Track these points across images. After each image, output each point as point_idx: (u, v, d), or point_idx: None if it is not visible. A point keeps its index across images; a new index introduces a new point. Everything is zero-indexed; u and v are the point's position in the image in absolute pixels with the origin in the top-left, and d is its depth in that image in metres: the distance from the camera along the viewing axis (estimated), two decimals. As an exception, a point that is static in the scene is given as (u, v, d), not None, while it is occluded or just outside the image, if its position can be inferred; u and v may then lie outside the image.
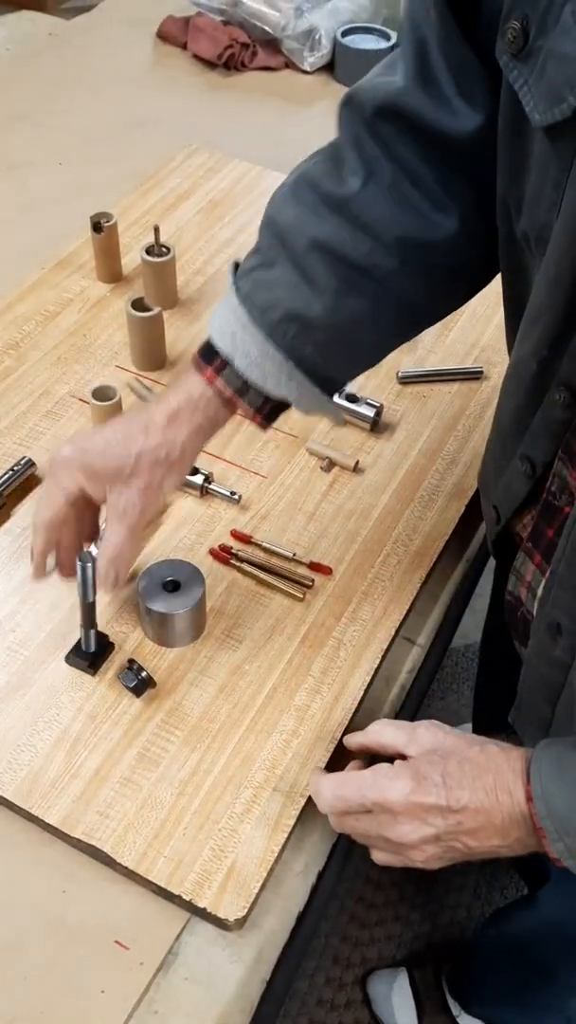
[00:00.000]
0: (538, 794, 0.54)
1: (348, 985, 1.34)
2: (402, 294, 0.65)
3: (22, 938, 0.62)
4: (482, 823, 0.56)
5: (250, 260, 0.67)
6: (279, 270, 0.65)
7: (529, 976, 1.06)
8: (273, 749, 0.69)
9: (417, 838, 0.57)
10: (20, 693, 0.72)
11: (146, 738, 0.69)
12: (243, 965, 0.62)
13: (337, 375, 0.69)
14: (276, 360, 0.65)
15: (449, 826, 0.56)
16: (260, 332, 0.64)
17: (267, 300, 0.64)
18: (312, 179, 0.65)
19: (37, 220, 1.16)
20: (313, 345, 0.65)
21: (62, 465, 0.67)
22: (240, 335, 0.65)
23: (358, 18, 1.48)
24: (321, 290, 0.63)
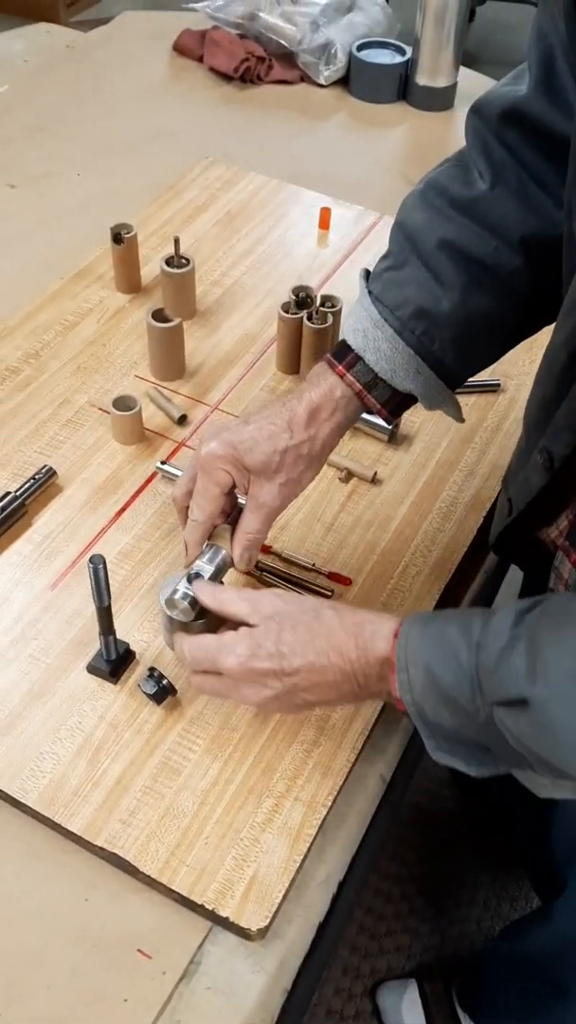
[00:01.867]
0: (403, 631, 0.60)
1: (357, 996, 1.33)
2: (525, 291, 0.69)
3: (45, 947, 0.62)
4: (315, 681, 0.63)
5: (382, 263, 0.72)
6: (409, 270, 0.69)
7: (542, 991, 1.06)
8: (294, 759, 0.70)
9: (259, 699, 0.64)
10: (42, 701, 0.72)
11: (168, 747, 0.70)
12: (265, 975, 0.62)
13: (461, 370, 0.72)
14: (405, 355, 0.69)
15: (286, 687, 0.63)
16: (391, 328, 0.69)
17: (398, 298, 0.69)
18: (440, 184, 0.70)
19: (56, 231, 1.17)
20: (440, 341, 0.69)
21: (214, 460, 0.70)
22: (372, 332, 0.69)
23: (373, 32, 1.50)
24: (449, 287, 0.68)
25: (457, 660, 0.56)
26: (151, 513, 0.85)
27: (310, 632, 0.63)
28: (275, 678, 0.63)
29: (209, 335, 1.03)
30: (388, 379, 0.70)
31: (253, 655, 0.63)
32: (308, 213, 1.19)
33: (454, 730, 0.58)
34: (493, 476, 0.90)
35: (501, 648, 0.54)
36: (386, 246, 0.74)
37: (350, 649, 0.62)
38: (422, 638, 0.59)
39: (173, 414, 0.93)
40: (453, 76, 1.44)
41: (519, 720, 0.53)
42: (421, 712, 0.59)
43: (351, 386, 0.71)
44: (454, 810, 1.50)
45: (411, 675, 0.59)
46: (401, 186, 1.30)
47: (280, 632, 0.63)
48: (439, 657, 0.57)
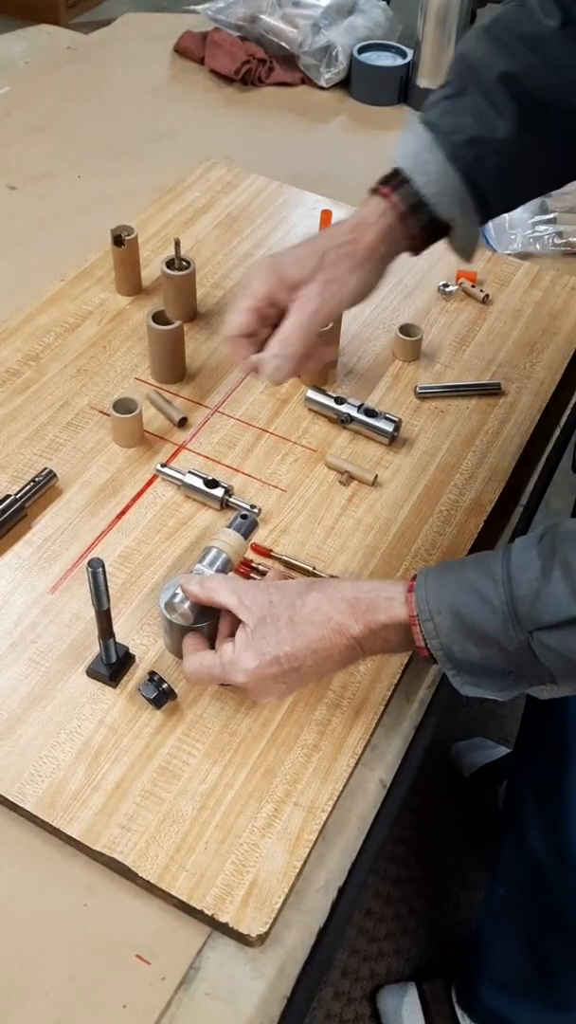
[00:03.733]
0: (419, 584, 0.64)
1: (357, 999, 1.33)
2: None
3: (43, 952, 0.62)
4: (319, 661, 0.65)
5: (439, 92, 0.74)
6: (468, 99, 0.71)
7: (534, 947, 1.03)
8: (294, 763, 0.69)
9: (270, 697, 0.68)
10: (42, 704, 0.72)
11: (167, 751, 0.70)
12: (264, 981, 0.62)
13: (500, 202, 0.75)
14: (454, 181, 0.70)
15: (294, 677, 0.66)
16: (443, 152, 0.70)
17: (454, 124, 0.71)
18: (507, 20, 0.72)
19: (56, 232, 1.17)
20: (488, 172, 0.71)
21: (254, 270, 0.72)
22: (423, 155, 0.71)
23: (374, 35, 1.50)
24: (506, 118, 0.70)
25: (484, 598, 0.60)
26: (151, 516, 0.85)
27: (306, 622, 0.65)
28: (283, 676, 0.66)
29: (210, 338, 1.03)
30: (433, 203, 0.71)
31: (259, 665, 0.65)
32: (309, 215, 1.19)
33: (481, 663, 0.61)
34: (494, 480, 0.90)
35: (535, 578, 0.58)
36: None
37: (350, 625, 0.65)
38: (442, 586, 0.63)
39: (173, 417, 0.93)
40: (454, 78, 1.44)
41: (567, 638, 0.57)
42: (449, 653, 0.62)
43: (394, 207, 0.72)
44: (452, 811, 1.50)
45: (436, 622, 0.62)
46: (402, 188, 1.30)
47: (277, 632, 0.65)
48: (464, 598, 0.61)
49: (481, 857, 1.45)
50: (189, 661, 0.69)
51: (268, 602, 0.66)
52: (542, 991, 1.07)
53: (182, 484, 0.86)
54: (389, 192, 0.72)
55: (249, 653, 0.65)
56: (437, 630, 0.62)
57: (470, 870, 1.45)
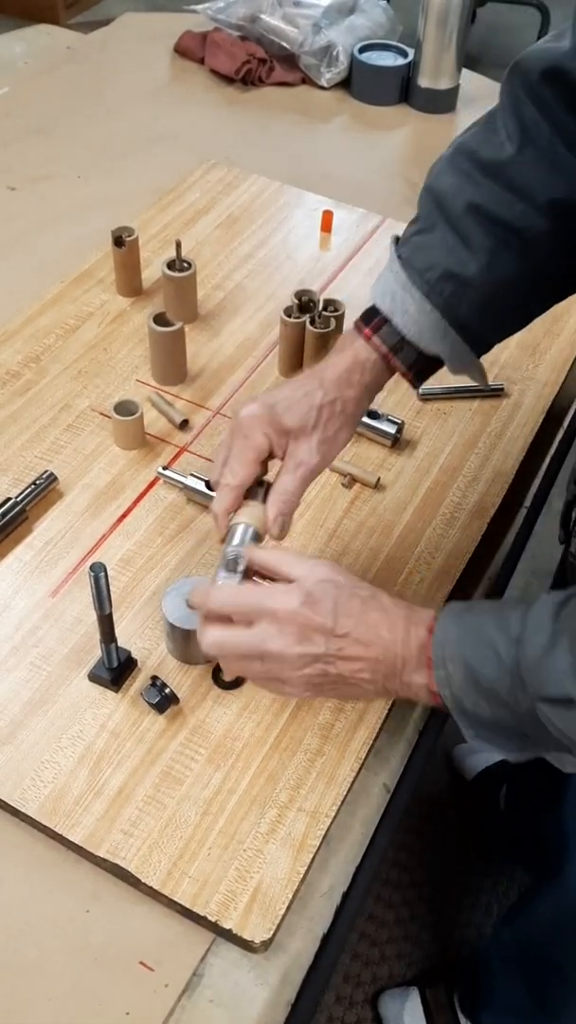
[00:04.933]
0: (439, 625, 0.60)
1: (359, 1004, 1.32)
2: (552, 255, 0.69)
3: (46, 958, 0.61)
4: (359, 652, 0.61)
5: (410, 228, 0.73)
6: (438, 233, 0.70)
7: (543, 979, 1.04)
8: (297, 768, 0.69)
9: (298, 652, 0.61)
10: (43, 709, 0.71)
11: (170, 756, 0.69)
12: (268, 988, 0.61)
13: (487, 334, 0.73)
14: (432, 318, 0.69)
15: (330, 648, 0.61)
16: (418, 291, 0.69)
17: (426, 261, 0.69)
18: (469, 148, 0.70)
19: (56, 233, 1.16)
20: (467, 304, 0.69)
21: (252, 422, 0.69)
22: (400, 295, 0.70)
23: (375, 35, 1.49)
24: (476, 250, 0.68)
25: (496, 654, 0.57)
26: (153, 519, 0.84)
27: (365, 604, 0.62)
28: (323, 635, 0.61)
29: (211, 339, 1.02)
30: (415, 341, 0.70)
31: (307, 603, 0.61)
32: (310, 216, 1.19)
33: (493, 720, 0.59)
34: (497, 482, 0.90)
35: (543, 645, 0.54)
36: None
37: (400, 629, 0.61)
38: (459, 632, 0.60)
39: (175, 419, 0.93)
40: (455, 78, 1.44)
41: (565, 716, 0.54)
42: (460, 704, 0.59)
43: (377, 349, 0.71)
44: (455, 817, 1.50)
45: (449, 671, 0.59)
46: (403, 189, 1.29)
47: (337, 595, 0.62)
48: (477, 651, 0.58)
49: (482, 860, 1.45)
50: (225, 587, 0.65)
51: (336, 576, 0.63)
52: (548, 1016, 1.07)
53: (184, 487, 0.85)
54: (371, 334, 0.71)
55: (302, 591, 0.61)
56: (449, 679, 0.59)
57: (472, 873, 1.45)
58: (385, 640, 0.61)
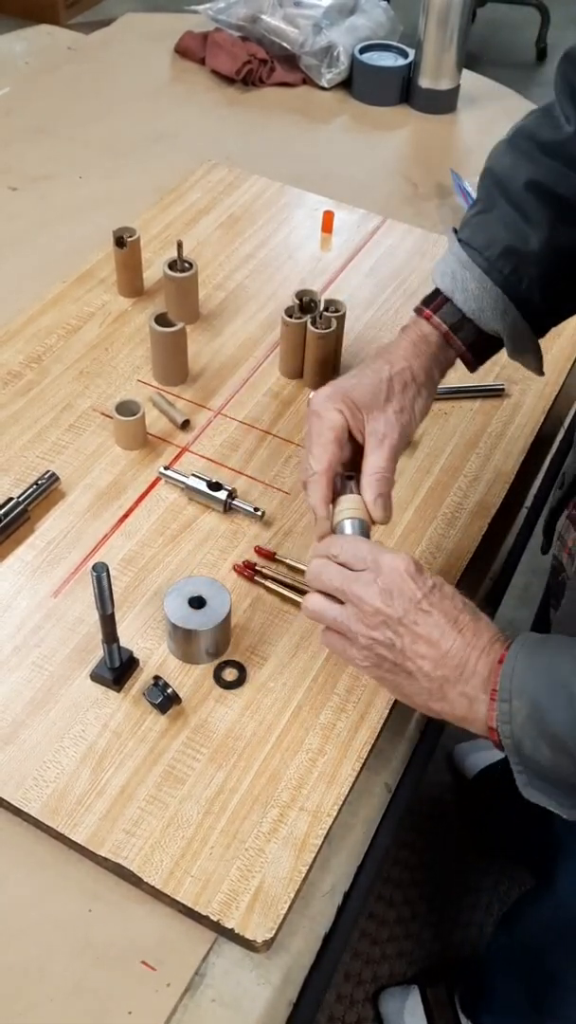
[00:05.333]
0: (510, 656, 0.58)
1: (359, 1002, 1.33)
2: None
3: (48, 958, 0.61)
4: (433, 637, 0.60)
5: (471, 210, 0.75)
6: (497, 212, 0.72)
7: (541, 983, 1.05)
8: (299, 768, 0.69)
9: (377, 606, 0.60)
10: (45, 709, 0.71)
11: (172, 755, 0.69)
12: (270, 987, 0.61)
13: (546, 312, 0.74)
14: (493, 294, 0.71)
15: (407, 618, 0.60)
16: (479, 268, 0.71)
17: (486, 239, 0.72)
18: (528, 130, 0.74)
19: (58, 233, 1.16)
20: (528, 280, 0.71)
21: (324, 402, 0.70)
22: (460, 273, 0.72)
23: (376, 35, 1.49)
24: (536, 225, 0.71)
25: (571, 698, 0.53)
26: (154, 519, 0.85)
27: (464, 605, 0.61)
28: (408, 603, 0.60)
29: (212, 339, 1.02)
30: (475, 319, 0.72)
31: (411, 571, 0.61)
32: (311, 216, 1.19)
33: (552, 768, 0.56)
34: (498, 482, 0.90)
35: None
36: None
37: (484, 639, 0.59)
38: (531, 667, 0.56)
39: (176, 419, 0.93)
40: (456, 78, 1.44)
41: None
42: (519, 746, 0.56)
43: (438, 327, 0.73)
44: (456, 816, 1.50)
45: (514, 706, 0.56)
46: (404, 189, 1.29)
47: (441, 583, 0.62)
48: (549, 692, 0.55)
49: (483, 859, 1.45)
50: (342, 539, 0.65)
51: (443, 578, 0.63)
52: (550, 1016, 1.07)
53: (185, 487, 0.86)
54: (431, 314, 0.73)
55: (410, 559, 0.61)
56: (512, 716, 0.56)
57: (473, 872, 1.45)
58: (465, 640, 0.59)
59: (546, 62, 3.39)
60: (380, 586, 0.61)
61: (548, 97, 0.77)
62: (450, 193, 1.28)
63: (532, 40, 3.44)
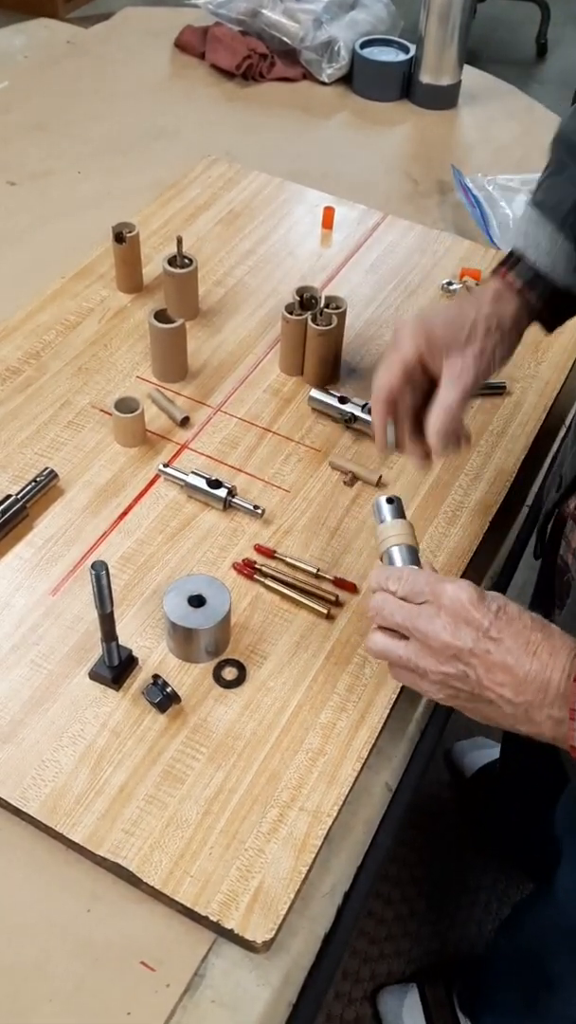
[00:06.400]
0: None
1: (357, 1001, 1.33)
2: None
3: (47, 959, 0.61)
4: (507, 664, 0.57)
5: (543, 175, 0.78)
6: (568, 173, 0.74)
7: (539, 985, 1.05)
8: (299, 768, 0.69)
9: (445, 640, 0.59)
10: (44, 708, 0.71)
11: (171, 755, 0.69)
12: (270, 988, 0.61)
13: None
14: (566, 249, 0.73)
15: (477, 648, 0.58)
16: (551, 224, 0.73)
17: (558, 198, 0.74)
18: None
19: (57, 229, 1.16)
20: None
21: (404, 332, 0.72)
22: (532, 232, 0.74)
23: (376, 30, 1.49)
24: None
25: None
26: (154, 517, 0.84)
27: (533, 622, 0.59)
28: (475, 631, 0.58)
29: (212, 336, 1.02)
30: (549, 273, 0.73)
31: (473, 600, 0.59)
32: (311, 212, 1.18)
33: None
34: (499, 480, 0.89)
35: None
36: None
37: (563, 656, 0.57)
38: None
39: (175, 416, 0.92)
40: (457, 74, 1.43)
41: None
42: None
43: (512, 284, 0.74)
44: (455, 813, 1.50)
45: None
46: (404, 185, 1.29)
47: (505, 604, 0.60)
48: None
49: (482, 858, 1.45)
50: (403, 570, 0.63)
51: (506, 598, 0.61)
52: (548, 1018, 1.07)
53: (185, 484, 0.85)
54: (505, 273, 0.75)
55: (472, 588, 0.59)
56: None
57: (471, 871, 1.45)
58: (541, 661, 0.57)
59: (546, 58, 3.39)
60: (444, 619, 0.59)
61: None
62: (451, 189, 1.27)
63: (532, 36, 3.43)
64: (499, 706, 0.59)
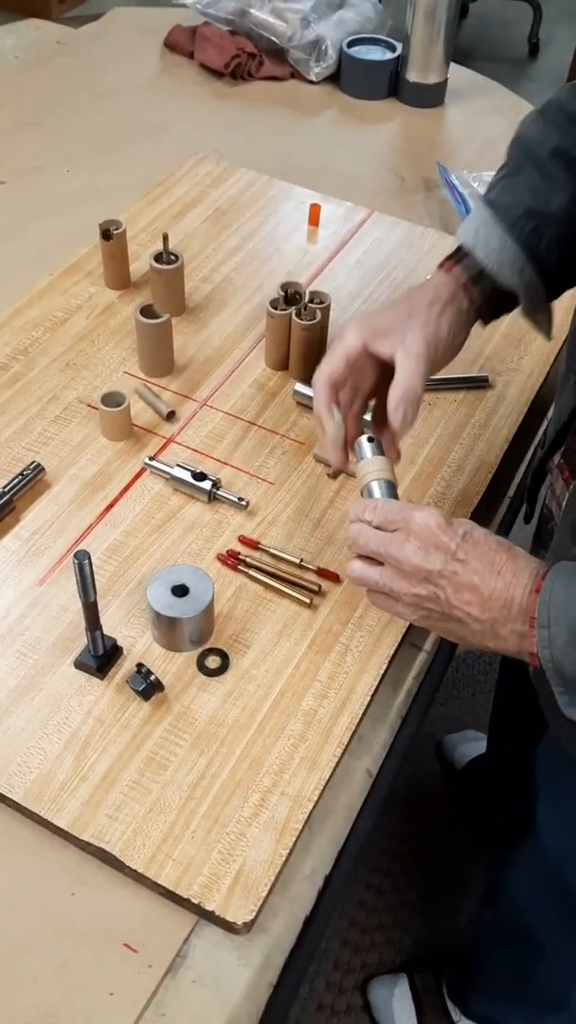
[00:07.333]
0: (547, 585, 0.60)
1: (348, 990, 1.34)
2: None
3: (31, 940, 0.62)
4: (473, 584, 0.62)
5: (498, 174, 0.79)
6: (523, 176, 0.76)
7: (528, 953, 1.05)
8: (281, 753, 0.70)
9: (416, 564, 0.63)
10: (29, 696, 0.72)
11: (154, 742, 0.70)
12: (251, 968, 0.62)
13: (562, 275, 0.77)
14: (513, 252, 0.74)
15: (446, 570, 0.63)
16: (501, 226, 0.75)
17: (511, 200, 0.76)
18: (559, 101, 0.78)
19: (46, 226, 1.17)
20: (547, 241, 0.75)
21: (347, 326, 0.74)
22: (483, 231, 0.75)
23: (364, 29, 1.50)
24: (560, 189, 0.75)
25: None
26: (139, 509, 0.85)
27: (498, 544, 0.63)
28: (443, 554, 0.63)
29: (198, 331, 1.03)
30: (494, 273, 0.75)
31: (441, 525, 0.63)
32: (298, 209, 1.19)
33: None
34: (481, 471, 0.91)
35: None
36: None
37: (525, 575, 0.61)
38: (568, 593, 0.59)
39: (162, 410, 0.93)
40: (444, 72, 1.44)
41: None
42: (560, 669, 0.59)
43: (457, 278, 0.76)
44: (445, 805, 1.51)
45: (552, 631, 0.59)
46: (391, 182, 1.30)
47: (472, 528, 0.64)
48: None
49: (472, 848, 1.46)
50: (375, 499, 0.68)
51: (473, 523, 0.65)
52: (535, 995, 1.08)
53: (170, 477, 0.86)
54: (452, 266, 0.77)
55: (440, 514, 0.64)
56: (551, 641, 0.59)
57: (462, 861, 1.46)
58: (505, 580, 0.61)
59: (539, 57, 3.40)
60: (414, 544, 0.64)
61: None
62: (437, 186, 1.28)
63: (525, 35, 3.45)
64: (467, 624, 0.64)
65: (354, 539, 0.68)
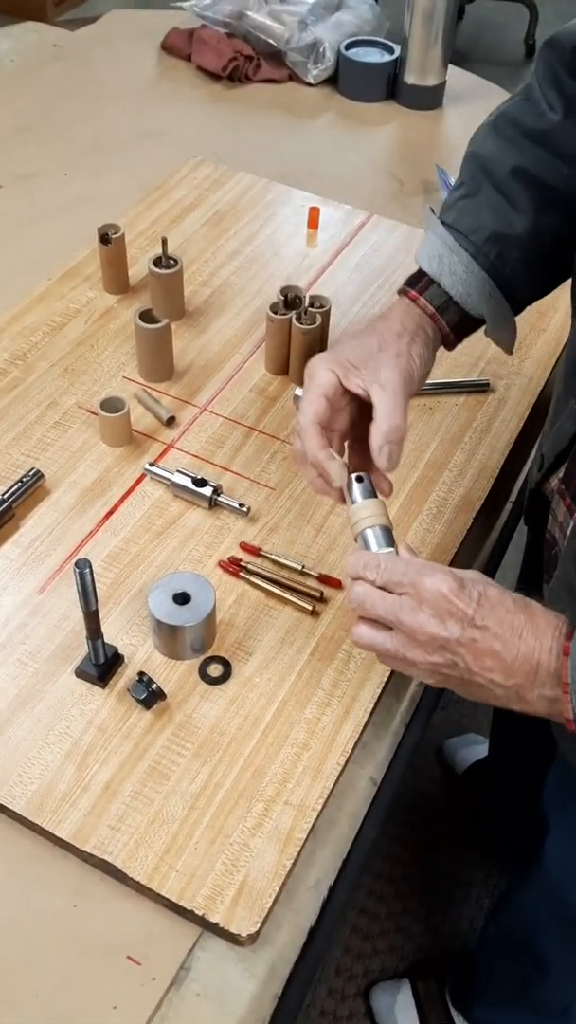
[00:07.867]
0: (575, 644, 0.56)
1: (350, 997, 1.33)
2: None
3: (33, 954, 0.61)
4: (494, 651, 0.58)
5: (455, 193, 0.76)
6: (483, 197, 0.74)
7: (529, 971, 1.05)
8: (284, 762, 0.69)
9: (431, 633, 0.59)
10: (30, 706, 0.71)
11: (156, 751, 0.69)
12: (255, 980, 0.61)
13: (527, 294, 0.77)
14: (479, 278, 0.73)
15: (464, 637, 0.58)
16: (466, 253, 0.72)
17: (473, 224, 0.73)
18: (511, 115, 0.75)
19: (43, 231, 1.16)
20: (512, 264, 0.73)
21: (316, 364, 0.70)
22: (447, 257, 0.73)
23: (362, 31, 1.49)
24: (521, 211, 0.73)
25: None
26: (140, 516, 0.85)
27: (515, 604, 0.59)
28: (460, 622, 0.59)
29: (197, 336, 1.02)
30: (463, 302, 0.73)
31: (454, 589, 0.59)
32: (297, 213, 1.19)
33: None
34: (483, 476, 0.90)
35: None
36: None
37: (548, 636, 0.58)
38: None
39: (161, 415, 0.93)
40: (442, 75, 1.44)
41: None
42: None
43: (424, 309, 0.74)
44: (447, 810, 1.50)
45: None
46: (390, 185, 1.29)
47: (486, 589, 0.60)
48: None
49: (474, 854, 1.45)
50: (382, 554, 0.64)
51: (486, 580, 0.61)
52: (539, 1006, 1.07)
53: (170, 483, 0.86)
54: (416, 295, 0.74)
55: (453, 577, 0.59)
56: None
57: (463, 866, 1.46)
58: (527, 644, 0.58)
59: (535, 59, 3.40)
60: (427, 612, 0.59)
61: None
62: (436, 189, 1.28)
63: (521, 37, 3.45)
64: (490, 689, 0.60)
65: (359, 602, 0.62)
